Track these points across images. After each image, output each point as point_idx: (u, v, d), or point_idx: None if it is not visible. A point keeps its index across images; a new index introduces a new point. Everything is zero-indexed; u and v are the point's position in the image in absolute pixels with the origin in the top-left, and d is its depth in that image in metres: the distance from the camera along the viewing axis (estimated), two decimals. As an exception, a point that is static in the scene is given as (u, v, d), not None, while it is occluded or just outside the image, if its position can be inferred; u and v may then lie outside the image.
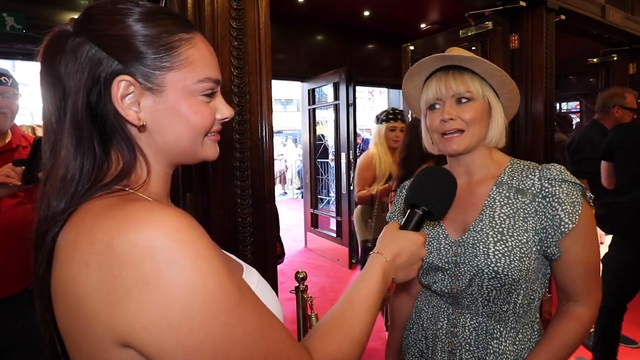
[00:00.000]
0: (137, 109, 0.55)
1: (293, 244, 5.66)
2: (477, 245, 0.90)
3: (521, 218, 0.89)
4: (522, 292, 0.88)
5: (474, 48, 2.85)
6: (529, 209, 0.89)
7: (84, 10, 0.55)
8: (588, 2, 2.96)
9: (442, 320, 0.98)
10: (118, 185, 0.54)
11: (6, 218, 1.54)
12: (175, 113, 0.56)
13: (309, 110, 5.22)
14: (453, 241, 0.96)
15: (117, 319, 0.44)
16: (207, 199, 1.50)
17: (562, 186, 0.86)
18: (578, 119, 5.61)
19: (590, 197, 0.89)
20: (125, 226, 0.45)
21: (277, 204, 2.09)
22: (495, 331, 0.92)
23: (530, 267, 0.87)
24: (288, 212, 7.84)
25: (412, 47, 3.45)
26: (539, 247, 0.88)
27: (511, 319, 0.91)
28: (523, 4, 2.50)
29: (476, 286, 0.90)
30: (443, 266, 0.96)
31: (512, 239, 0.87)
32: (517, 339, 0.92)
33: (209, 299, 0.45)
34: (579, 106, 5.50)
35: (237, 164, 1.50)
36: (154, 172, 0.59)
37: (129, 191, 0.54)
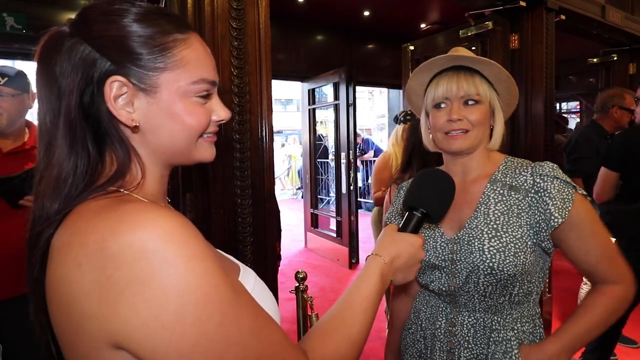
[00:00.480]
0: (131, 109, 0.54)
1: (293, 244, 5.66)
2: (473, 242, 0.92)
3: (515, 214, 0.90)
4: (517, 284, 0.90)
5: (474, 48, 2.85)
6: (522, 205, 0.90)
7: (80, 10, 0.55)
8: (588, 2, 2.96)
9: (440, 319, 0.99)
10: (113, 187, 0.53)
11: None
12: (169, 114, 0.55)
13: (309, 110, 5.22)
14: (449, 239, 0.97)
15: (110, 321, 0.44)
16: (207, 199, 1.50)
17: (554, 182, 0.88)
18: (578, 119, 5.61)
19: (584, 194, 0.90)
20: (119, 227, 0.45)
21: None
22: (494, 323, 0.93)
23: (526, 262, 0.88)
24: (288, 212, 7.84)
25: (412, 47, 3.45)
26: (534, 241, 0.89)
27: (507, 307, 0.93)
28: (523, 4, 2.51)
29: (472, 283, 0.92)
30: (440, 264, 0.97)
31: (507, 234, 0.89)
32: (516, 327, 0.93)
33: (203, 299, 0.45)
34: (579, 106, 5.51)
35: (237, 164, 1.50)
36: (150, 172, 0.58)
37: (124, 192, 0.53)
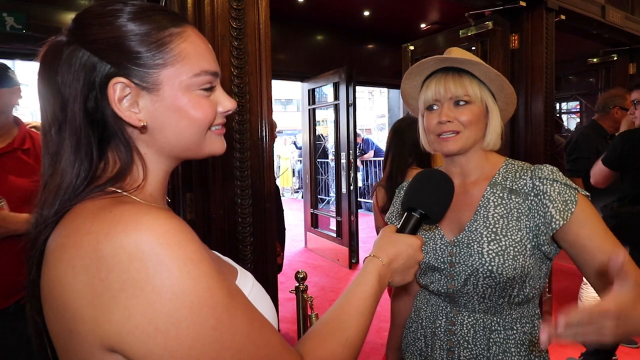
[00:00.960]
0: (137, 110, 0.54)
1: (293, 244, 5.66)
2: (472, 245, 0.92)
3: (515, 218, 0.90)
4: (517, 287, 0.90)
5: (474, 48, 2.85)
6: (522, 208, 0.90)
7: (75, 16, 0.55)
8: (588, 2, 2.96)
9: (440, 318, 0.99)
10: (113, 187, 0.53)
11: None
12: (174, 110, 0.55)
13: (309, 110, 5.22)
14: (448, 241, 0.97)
15: (103, 324, 0.43)
16: (207, 199, 1.50)
17: (554, 185, 0.87)
18: (578, 119, 5.61)
19: (587, 195, 0.89)
20: (114, 229, 0.44)
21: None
22: (493, 324, 0.93)
23: (525, 265, 0.88)
24: (288, 212, 7.83)
25: (412, 47, 3.45)
26: (534, 244, 0.89)
27: (506, 308, 0.93)
28: (523, 4, 2.51)
29: (471, 285, 0.91)
30: (439, 266, 0.97)
31: (506, 238, 0.89)
32: (516, 327, 0.92)
33: (198, 303, 0.45)
34: (578, 106, 5.51)
35: (237, 164, 1.51)
36: (152, 173, 0.58)
37: (122, 193, 0.53)
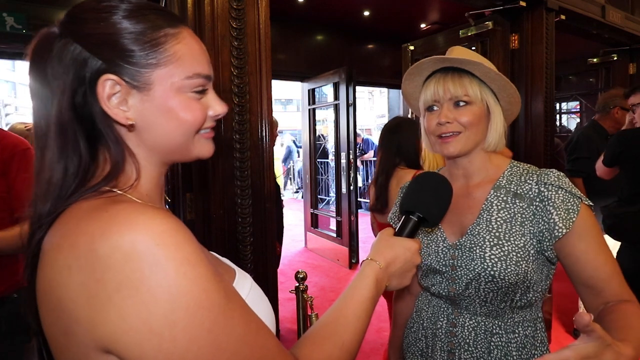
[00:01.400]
0: (125, 108, 0.53)
1: (293, 244, 5.66)
2: (474, 249, 0.90)
3: (518, 222, 0.88)
4: (519, 292, 0.89)
5: (473, 48, 2.85)
6: (526, 213, 0.88)
7: (69, 10, 0.54)
8: (588, 2, 2.96)
9: (441, 320, 0.98)
10: (107, 187, 0.52)
11: None
12: (163, 111, 0.54)
13: (309, 110, 5.22)
14: (451, 244, 0.96)
15: (98, 325, 0.43)
16: (207, 199, 1.50)
17: (559, 192, 0.86)
18: (578, 119, 5.61)
19: (590, 204, 0.88)
20: (109, 229, 0.44)
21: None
22: (495, 327, 0.92)
23: (528, 270, 0.87)
24: (288, 212, 7.84)
25: (412, 47, 3.45)
26: (537, 250, 0.88)
27: (508, 312, 0.92)
28: (523, 4, 2.51)
29: (473, 289, 0.90)
30: (440, 269, 0.96)
31: (509, 243, 0.87)
32: (517, 330, 0.92)
33: (193, 305, 0.44)
34: (578, 106, 5.50)
35: (237, 164, 1.51)
36: (145, 172, 0.57)
37: (117, 192, 0.52)
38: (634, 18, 3.55)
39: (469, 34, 2.82)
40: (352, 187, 4.52)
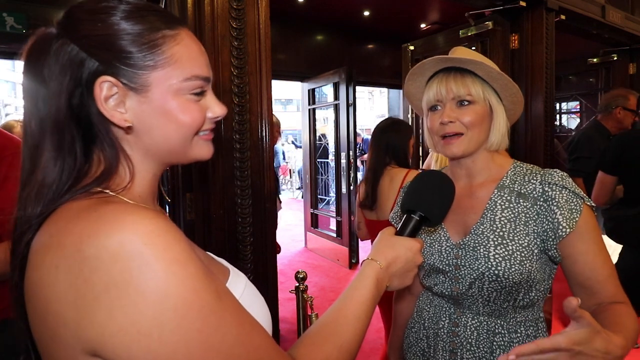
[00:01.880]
0: (123, 110, 0.53)
1: (293, 244, 5.66)
2: (478, 248, 0.90)
3: (522, 222, 0.88)
4: (522, 291, 0.89)
5: (473, 48, 2.85)
6: (530, 213, 0.88)
7: (66, 10, 0.53)
8: (588, 2, 2.96)
9: (443, 319, 0.98)
10: (98, 188, 0.52)
11: None
12: (161, 113, 0.54)
13: (309, 110, 5.22)
14: (454, 244, 0.95)
15: (85, 327, 0.42)
16: (207, 199, 1.50)
17: (562, 192, 0.86)
18: (578, 119, 5.61)
19: (593, 205, 0.88)
20: (97, 229, 0.43)
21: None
22: (497, 327, 0.92)
23: (532, 270, 0.87)
24: (288, 212, 7.84)
25: (412, 47, 3.45)
26: (541, 249, 0.88)
27: (510, 312, 0.92)
28: (523, 4, 2.51)
29: (477, 289, 0.90)
30: (444, 269, 0.96)
31: (513, 242, 0.87)
32: (519, 330, 0.92)
33: (183, 305, 0.43)
34: (578, 106, 5.50)
35: (237, 164, 1.50)
36: (140, 174, 0.57)
37: (109, 193, 0.52)
38: (634, 18, 3.55)
39: (469, 34, 2.83)
40: (352, 187, 4.52)
